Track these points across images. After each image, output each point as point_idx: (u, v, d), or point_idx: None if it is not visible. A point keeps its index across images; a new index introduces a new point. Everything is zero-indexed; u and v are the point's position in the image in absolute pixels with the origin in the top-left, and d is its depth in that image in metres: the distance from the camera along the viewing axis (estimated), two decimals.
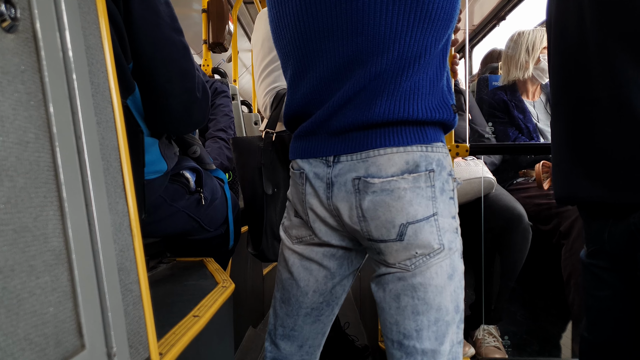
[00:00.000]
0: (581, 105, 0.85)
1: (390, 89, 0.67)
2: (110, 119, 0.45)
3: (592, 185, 0.82)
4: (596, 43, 0.79)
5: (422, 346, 0.71)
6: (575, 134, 0.87)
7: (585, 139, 0.84)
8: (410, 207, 0.68)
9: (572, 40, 0.86)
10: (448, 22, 0.68)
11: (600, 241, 0.87)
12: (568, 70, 0.89)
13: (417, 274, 0.70)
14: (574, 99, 0.87)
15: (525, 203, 1.60)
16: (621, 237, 0.82)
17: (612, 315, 0.88)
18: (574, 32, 0.85)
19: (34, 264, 0.32)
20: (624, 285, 0.85)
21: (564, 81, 0.90)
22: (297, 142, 0.79)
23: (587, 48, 0.81)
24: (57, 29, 0.37)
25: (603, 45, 0.78)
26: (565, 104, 0.90)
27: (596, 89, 0.80)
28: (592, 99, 0.81)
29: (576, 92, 0.86)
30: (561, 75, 0.91)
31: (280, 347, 0.89)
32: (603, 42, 0.78)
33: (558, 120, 0.93)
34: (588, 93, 0.82)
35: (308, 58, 0.73)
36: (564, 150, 0.90)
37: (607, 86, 0.78)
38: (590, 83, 0.82)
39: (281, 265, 0.88)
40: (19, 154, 0.31)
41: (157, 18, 0.85)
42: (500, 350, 1.49)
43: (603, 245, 0.86)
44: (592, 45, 0.80)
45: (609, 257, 0.86)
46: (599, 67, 0.79)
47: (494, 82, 2.08)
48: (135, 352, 0.44)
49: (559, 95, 0.92)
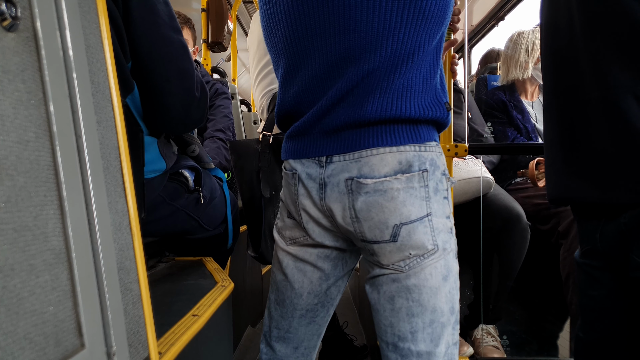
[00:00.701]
0: (572, 106, 0.85)
1: (382, 87, 0.67)
2: (110, 118, 0.45)
3: (584, 186, 0.83)
4: (585, 45, 0.80)
5: (417, 348, 0.70)
6: (567, 134, 0.87)
7: (576, 139, 0.85)
8: (403, 207, 0.68)
9: (563, 41, 0.86)
10: (441, 19, 0.67)
11: (592, 241, 0.88)
12: (559, 72, 0.89)
13: (412, 275, 0.70)
14: (565, 100, 0.87)
15: (523, 203, 1.61)
16: (612, 236, 0.82)
17: (606, 314, 0.89)
18: (564, 34, 0.86)
19: (33, 263, 0.32)
20: (617, 285, 0.86)
21: (555, 82, 0.91)
22: (289, 142, 0.78)
23: (577, 50, 0.82)
24: (57, 28, 0.37)
25: (592, 47, 0.79)
26: (556, 105, 0.91)
27: (587, 90, 0.81)
28: (583, 101, 0.82)
29: (567, 93, 0.87)
30: (552, 76, 0.92)
31: (276, 349, 0.88)
32: (592, 44, 0.79)
33: (550, 121, 0.94)
34: (579, 94, 0.83)
35: (299, 56, 0.73)
36: (556, 150, 0.91)
37: (597, 87, 0.79)
38: (581, 84, 0.82)
39: (275, 266, 0.87)
40: (19, 153, 0.31)
41: (156, 17, 0.84)
42: (499, 350, 1.49)
43: (595, 245, 0.87)
44: (582, 47, 0.81)
45: (602, 257, 0.87)
46: (589, 69, 0.80)
47: (493, 82, 2.08)
48: (135, 352, 0.44)
49: (551, 96, 0.93)
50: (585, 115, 0.82)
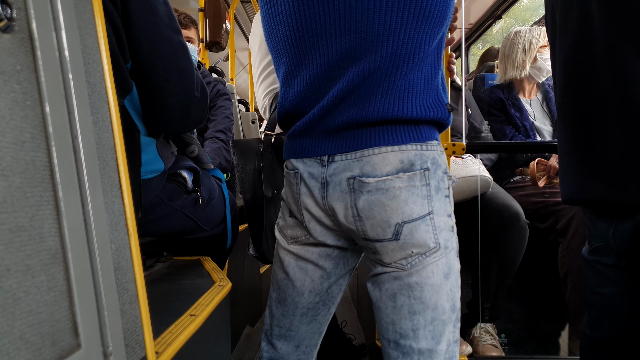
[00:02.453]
0: (588, 104, 0.84)
1: (384, 87, 0.67)
2: (106, 119, 0.45)
3: (599, 186, 0.82)
4: (604, 41, 0.78)
5: (419, 346, 0.71)
6: (581, 133, 0.86)
7: (591, 139, 0.83)
8: (405, 206, 0.68)
9: (577, 37, 0.85)
10: (442, 19, 0.68)
11: (605, 238, 0.86)
12: (570, 68, 0.88)
13: (413, 273, 0.70)
14: (580, 98, 0.86)
15: (522, 201, 1.61)
16: (627, 233, 0.81)
17: (616, 312, 0.88)
18: (578, 29, 0.84)
19: (29, 264, 0.32)
20: (629, 282, 0.85)
21: (566, 79, 0.89)
22: (291, 141, 0.79)
23: (594, 46, 0.81)
24: (53, 29, 0.37)
25: (610, 44, 0.77)
26: (570, 102, 0.89)
27: (603, 87, 0.79)
28: (599, 98, 0.81)
29: (582, 90, 0.85)
30: (566, 73, 0.90)
31: (277, 347, 0.89)
32: (610, 40, 0.77)
33: (563, 119, 0.92)
34: (595, 92, 0.81)
35: (301, 56, 0.73)
36: (570, 150, 0.89)
37: (614, 85, 0.77)
38: (597, 81, 0.81)
39: (276, 265, 0.88)
40: (15, 154, 0.32)
41: (156, 17, 0.84)
42: (497, 348, 1.50)
43: (608, 242, 0.86)
44: (599, 43, 0.79)
45: (614, 254, 0.86)
46: (607, 66, 0.78)
47: (491, 80, 2.08)
48: (132, 352, 0.44)
49: (564, 93, 0.91)
50: (601, 113, 0.80)
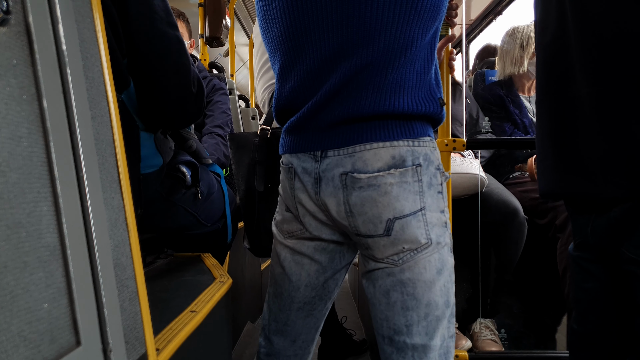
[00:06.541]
0: (563, 102, 0.86)
1: (376, 82, 0.67)
2: (105, 114, 0.44)
3: (575, 181, 0.84)
4: (577, 42, 0.81)
5: (413, 341, 0.71)
6: (558, 130, 0.88)
7: (566, 134, 0.86)
8: (396, 202, 0.68)
9: (554, 37, 0.87)
10: (435, 13, 0.67)
11: (584, 234, 0.90)
12: (549, 67, 0.90)
13: (406, 269, 0.70)
14: (556, 96, 0.88)
15: (521, 197, 1.61)
16: (603, 230, 0.84)
17: (598, 306, 0.91)
18: (555, 30, 0.87)
19: (27, 260, 0.31)
20: (608, 277, 0.88)
21: (547, 78, 0.92)
22: (286, 136, 0.79)
23: (568, 46, 0.83)
24: (50, 22, 0.36)
25: (583, 44, 0.80)
26: (547, 100, 0.92)
27: (576, 86, 0.82)
28: (572, 97, 0.83)
29: (558, 89, 0.88)
30: (543, 72, 0.93)
31: (274, 343, 0.89)
32: (583, 41, 0.79)
33: (541, 117, 0.95)
34: (569, 90, 0.84)
35: (295, 51, 0.73)
36: (547, 146, 0.92)
37: (586, 84, 0.80)
38: (571, 81, 0.83)
39: (274, 260, 0.88)
40: (12, 149, 0.31)
41: (152, 12, 0.84)
42: (497, 344, 1.50)
43: (587, 238, 0.89)
44: (573, 44, 0.82)
45: (593, 250, 0.89)
46: (579, 66, 0.81)
47: (491, 76, 2.08)
48: (132, 348, 0.44)
49: (542, 92, 0.94)
50: (576, 111, 0.83)
